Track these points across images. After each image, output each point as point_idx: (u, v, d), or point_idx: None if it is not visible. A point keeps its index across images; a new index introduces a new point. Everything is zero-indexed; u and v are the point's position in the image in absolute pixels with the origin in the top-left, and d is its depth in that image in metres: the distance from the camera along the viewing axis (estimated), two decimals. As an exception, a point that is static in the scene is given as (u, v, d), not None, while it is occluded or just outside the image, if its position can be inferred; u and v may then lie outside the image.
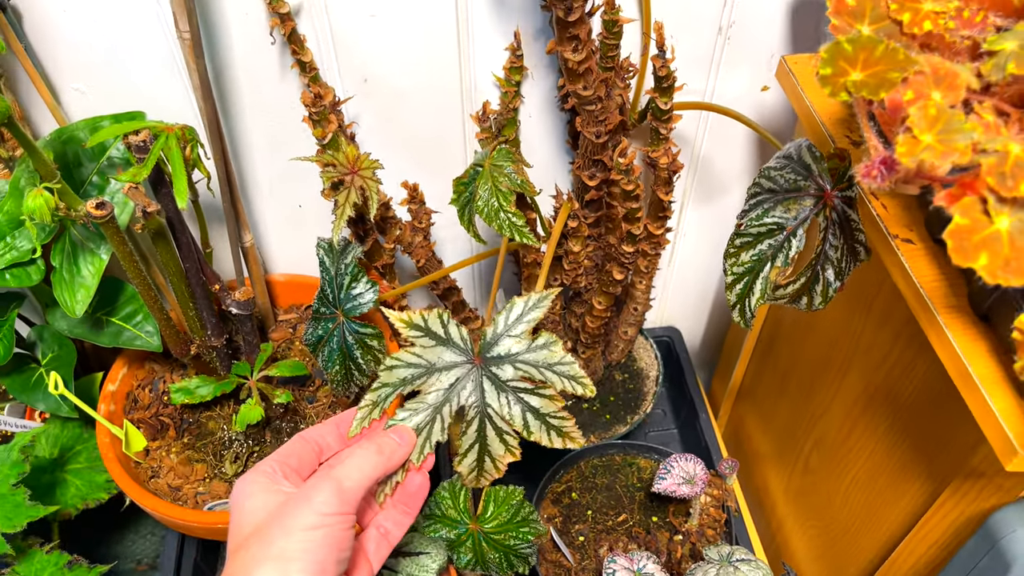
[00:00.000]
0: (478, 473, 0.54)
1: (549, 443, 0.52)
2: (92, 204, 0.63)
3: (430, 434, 0.53)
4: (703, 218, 1.00)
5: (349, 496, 0.47)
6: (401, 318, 0.53)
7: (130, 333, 0.76)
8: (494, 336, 0.53)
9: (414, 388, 0.53)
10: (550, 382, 0.51)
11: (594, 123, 0.73)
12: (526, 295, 0.53)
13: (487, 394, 0.53)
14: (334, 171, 0.66)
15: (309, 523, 0.45)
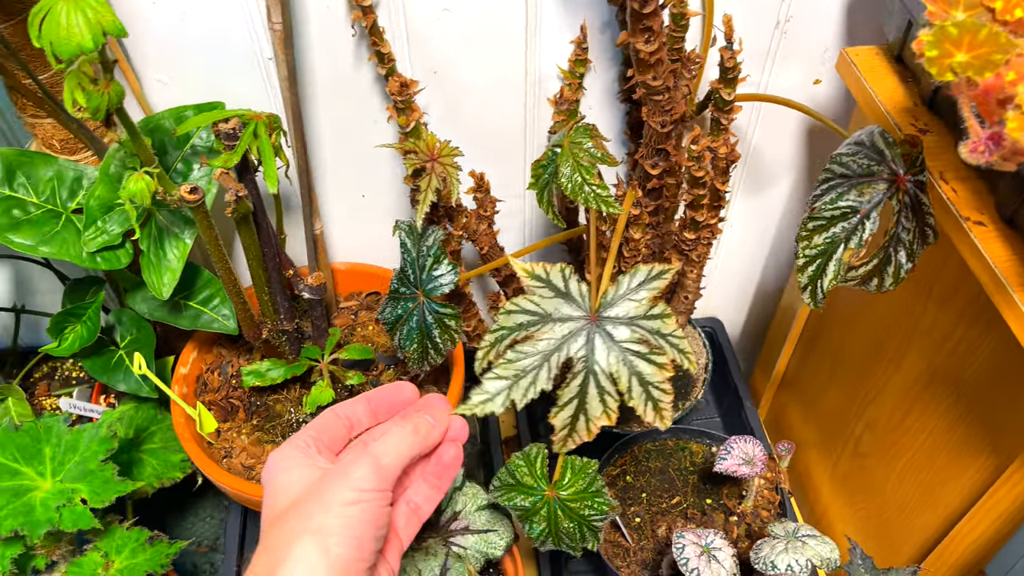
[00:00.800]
0: (569, 431, 0.56)
1: (643, 413, 0.54)
2: (186, 189, 0.65)
3: (536, 379, 0.55)
4: (750, 209, 1.02)
5: (386, 473, 0.48)
6: (524, 267, 0.55)
7: (208, 316, 0.78)
8: (614, 297, 0.55)
9: (527, 335, 0.55)
10: (664, 350, 0.54)
11: (660, 113, 0.75)
12: (651, 265, 0.56)
13: (597, 351, 0.55)
14: (416, 158, 0.68)
15: (348, 498, 0.45)
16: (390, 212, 0.94)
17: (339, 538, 0.44)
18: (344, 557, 0.44)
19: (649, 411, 0.55)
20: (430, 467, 0.55)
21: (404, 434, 0.50)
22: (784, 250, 1.08)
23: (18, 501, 0.68)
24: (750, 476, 0.79)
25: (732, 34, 0.69)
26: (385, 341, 0.93)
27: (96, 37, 0.48)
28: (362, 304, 0.97)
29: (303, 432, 0.51)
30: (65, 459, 0.71)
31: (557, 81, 0.83)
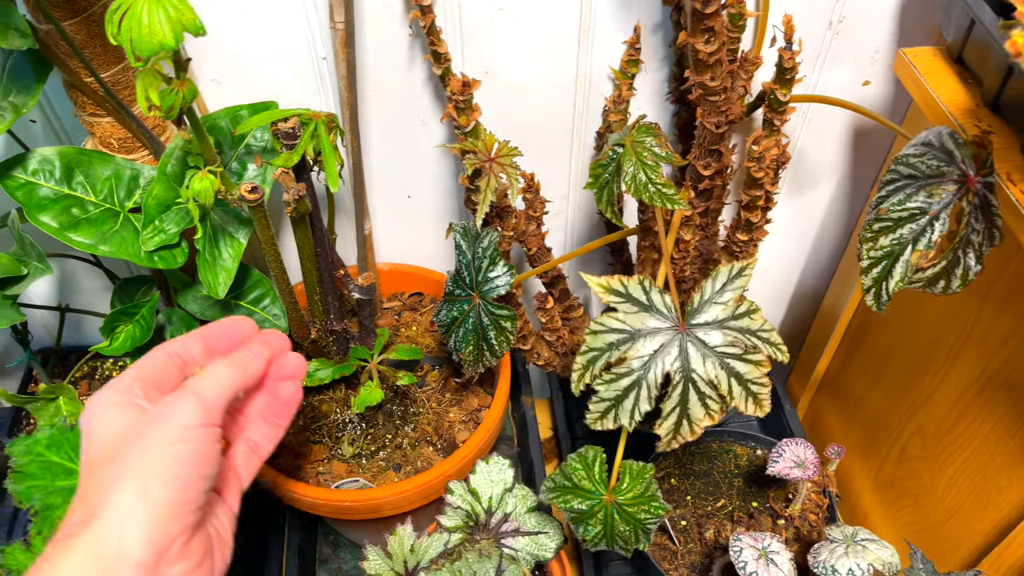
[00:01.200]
0: (673, 435, 0.56)
1: (744, 408, 0.55)
2: (246, 188, 0.65)
3: (637, 399, 0.55)
4: (792, 210, 1.01)
5: (210, 408, 0.44)
6: (600, 283, 0.55)
7: (259, 316, 0.78)
8: (700, 303, 0.56)
9: (621, 355, 0.55)
10: (759, 348, 0.54)
11: (716, 114, 0.74)
12: (728, 263, 0.56)
13: (693, 360, 0.55)
14: (475, 158, 0.68)
15: (171, 437, 0.42)
16: (434, 213, 0.94)
17: (161, 480, 0.41)
18: (169, 500, 0.41)
19: (749, 405, 0.55)
20: (268, 405, 0.53)
21: (221, 368, 0.47)
22: (825, 251, 1.07)
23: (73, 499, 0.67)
24: (802, 479, 0.79)
25: (792, 34, 0.69)
26: (429, 342, 0.93)
27: (177, 35, 0.48)
28: (405, 304, 0.96)
29: (126, 373, 0.47)
30: (121, 458, 0.70)
31: (607, 81, 0.82)
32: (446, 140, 0.85)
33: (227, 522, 0.48)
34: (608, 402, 0.59)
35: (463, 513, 0.76)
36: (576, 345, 0.92)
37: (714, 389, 0.56)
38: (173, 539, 0.41)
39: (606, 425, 0.60)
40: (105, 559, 0.39)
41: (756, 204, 0.75)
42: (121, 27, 0.48)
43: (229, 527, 0.48)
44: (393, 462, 0.83)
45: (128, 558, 0.39)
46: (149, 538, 0.40)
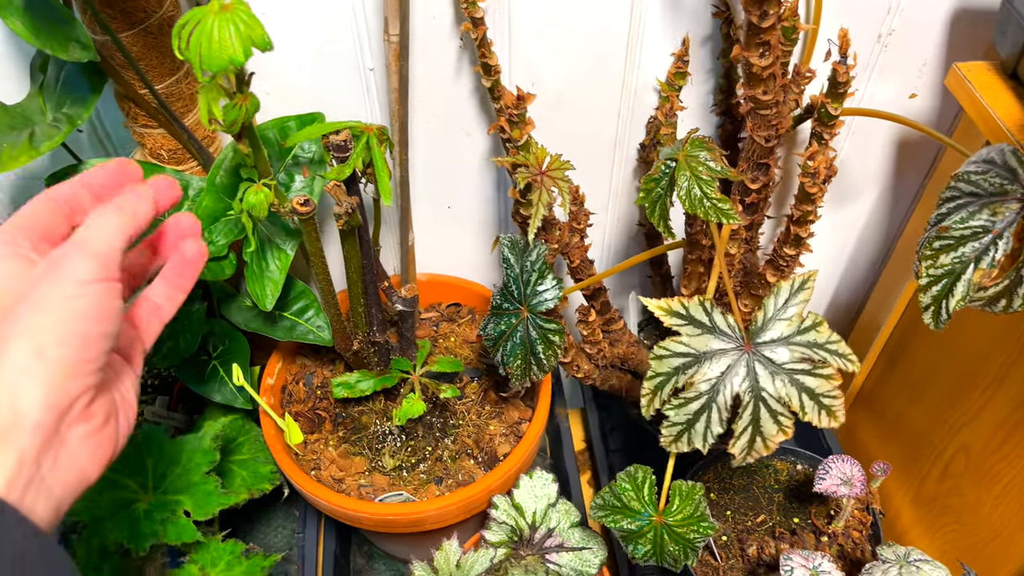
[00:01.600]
0: (747, 452, 0.56)
1: (818, 422, 0.54)
2: (298, 200, 0.65)
3: (709, 423, 0.55)
4: (830, 223, 1.01)
5: (104, 259, 0.41)
6: (660, 306, 0.55)
7: (303, 327, 0.78)
8: (764, 321, 0.55)
9: (688, 379, 0.55)
10: (827, 361, 0.53)
11: (766, 127, 0.74)
12: (791, 279, 0.55)
13: (762, 379, 0.55)
14: (526, 172, 0.67)
15: (66, 293, 0.39)
16: (474, 222, 0.93)
17: (57, 337, 0.38)
18: (67, 358, 0.38)
19: (823, 418, 0.54)
20: (169, 264, 0.50)
21: (107, 214, 0.43)
22: (863, 263, 1.06)
23: (122, 513, 0.67)
24: (849, 497, 0.78)
25: (848, 48, 0.68)
26: (468, 353, 0.93)
27: (247, 50, 0.48)
28: (442, 315, 0.96)
29: (8, 222, 0.43)
30: (168, 471, 0.70)
31: (652, 93, 0.82)
32: (490, 151, 0.85)
33: (131, 384, 0.46)
34: (680, 426, 0.58)
35: (508, 528, 0.76)
36: (616, 358, 0.91)
37: (785, 406, 0.55)
38: (73, 399, 0.39)
39: (680, 448, 0.59)
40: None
41: (807, 219, 0.75)
42: (190, 42, 0.48)
43: (133, 389, 0.46)
44: (434, 475, 0.82)
45: (24, 419, 0.37)
46: (47, 398, 0.37)
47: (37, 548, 0.35)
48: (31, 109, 0.65)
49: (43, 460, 0.37)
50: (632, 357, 0.92)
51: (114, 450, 0.43)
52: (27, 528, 0.35)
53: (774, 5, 0.64)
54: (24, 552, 0.34)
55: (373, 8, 0.71)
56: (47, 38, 0.56)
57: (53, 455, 0.38)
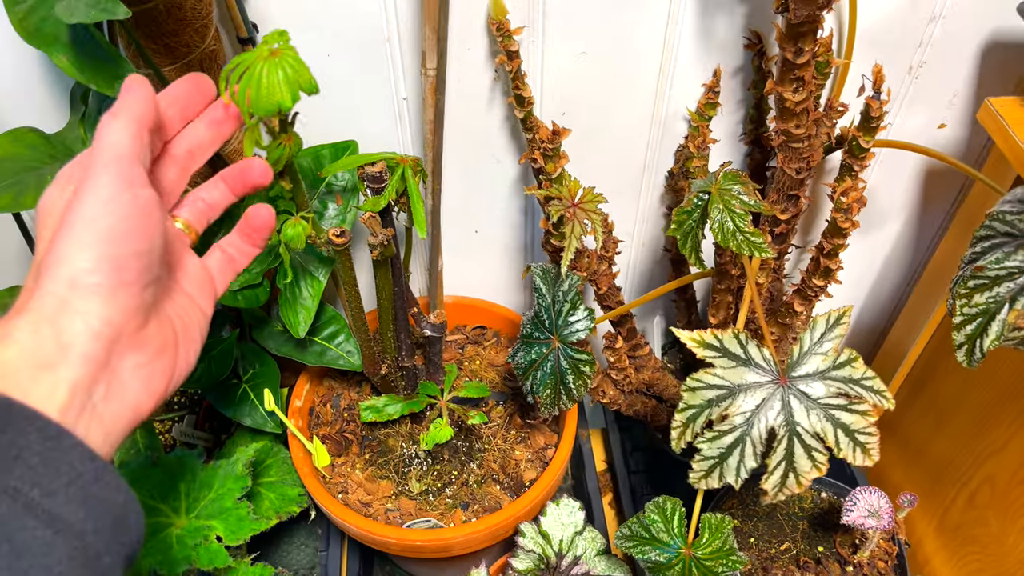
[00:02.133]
0: (780, 488, 0.56)
1: (852, 459, 0.54)
2: (334, 232, 0.65)
3: (742, 458, 0.55)
4: (856, 249, 1.01)
5: (122, 171, 0.39)
6: (693, 338, 0.55)
7: (333, 353, 0.78)
8: (800, 355, 0.55)
9: (721, 413, 0.55)
10: (863, 397, 0.53)
11: (797, 160, 0.74)
12: (827, 314, 0.55)
13: (796, 413, 0.55)
14: (559, 205, 0.68)
15: (90, 215, 0.38)
16: (500, 247, 0.94)
17: (88, 264, 0.37)
18: (101, 285, 0.37)
19: (858, 455, 0.55)
20: (244, 220, 0.52)
21: (108, 120, 0.41)
22: (885, 291, 1.06)
23: (155, 539, 0.68)
24: (876, 529, 0.78)
25: (882, 83, 0.68)
26: (493, 376, 0.93)
27: (295, 95, 0.49)
28: (468, 338, 0.97)
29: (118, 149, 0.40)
30: (200, 495, 0.71)
31: (682, 122, 0.82)
32: (519, 178, 0.85)
33: (197, 322, 0.46)
34: (712, 460, 0.58)
35: (535, 556, 0.76)
36: (642, 384, 0.92)
37: (820, 441, 0.56)
38: (118, 326, 0.38)
39: (711, 484, 0.59)
40: (44, 348, 0.36)
41: (837, 252, 0.75)
42: (238, 87, 0.48)
43: (199, 328, 0.46)
44: (460, 499, 0.83)
45: (71, 349, 0.36)
46: (89, 328, 0.37)
47: (93, 472, 0.35)
48: (71, 139, 0.66)
49: (94, 390, 0.37)
50: (657, 383, 0.93)
51: (168, 384, 0.42)
52: (83, 452, 0.35)
53: (809, 41, 0.65)
54: (81, 474, 0.35)
55: (408, 40, 0.72)
56: (92, 74, 0.57)
57: (105, 384, 0.38)
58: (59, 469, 0.34)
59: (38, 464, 0.33)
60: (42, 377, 0.35)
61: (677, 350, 1.08)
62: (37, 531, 0.32)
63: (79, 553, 0.34)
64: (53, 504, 0.33)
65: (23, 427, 0.34)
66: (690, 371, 1.05)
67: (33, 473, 0.33)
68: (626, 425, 1.13)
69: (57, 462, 0.34)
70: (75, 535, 0.34)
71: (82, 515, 0.34)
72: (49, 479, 0.33)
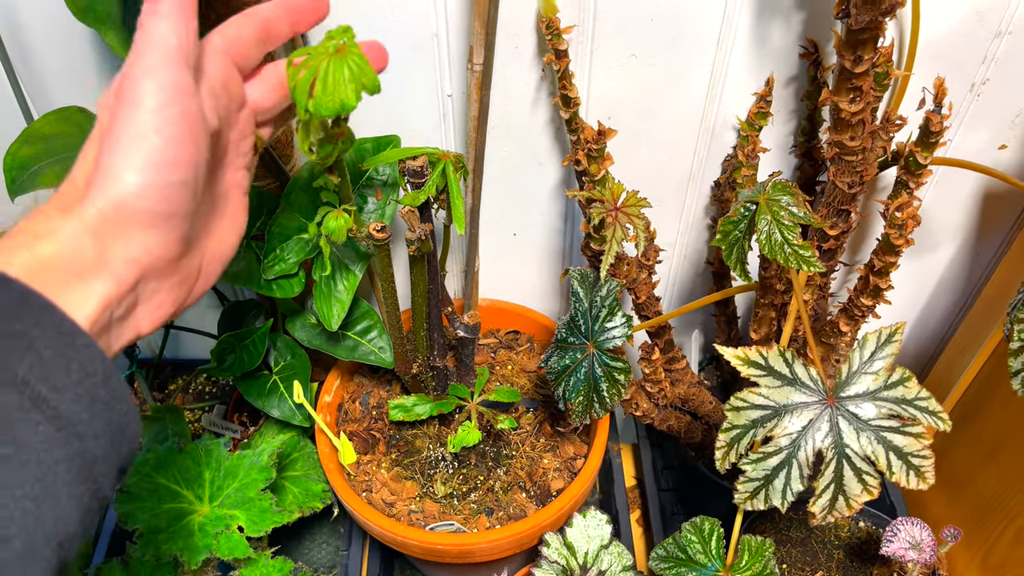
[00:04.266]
0: (829, 512, 0.54)
1: (906, 482, 0.52)
2: (375, 226, 0.65)
3: (788, 480, 0.53)
4: (905, 272, 0.97)
5: (169, 78, 0.36)
6: (737, 355, 0.53)
7: (365, 348, 0.77)
8: (849, 374, 0.53)
9: (768, 433, 0.53)
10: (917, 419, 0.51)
11: (850, 173, 0.72)
12: (877, 331, 0.53)
13: (845, 435, 0.53)
14: (601, 208, 0.66)
15: (135, 130, 0.36)
16: (538, 251, 0.92)
17: (131, 191, 0.36)
18: (143, 214, 0.37)
19: (911, 478, 0.52)
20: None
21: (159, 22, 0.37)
22: (935, 318, 1.03)
23: (177, 525, 0.68)
24: (917, 563, 0.75)
25: (944, 97, 0.66)
26: (524, 382, 0.91)
27: (358, 94, 0.47)
28: (500, 342, 0.95)
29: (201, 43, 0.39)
30: (224, 484, 0.70)
31: (731, 131, 0.80)
32: (561, 181, 0.84)
33: (227, 240, 0.44)
34: (757, 482, 0.56)
35: (559, 568, 0.74)
36: (677, 398, 0.89)
37: (871, 464, 0.53)
38: (155, 257, 0.38)
39: (756, 506, 0.57)
40: (84, 254, 0.35)
41: (887, 270, 0.72)
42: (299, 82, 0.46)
43: (227, 249, 0.44)
44: (485, 505, 0.81)
45: (107, 266, 0.36)
46: (128, 252, 0.37)
47: (103, 374, 0.34)
48: (119, 120, 0.66)
49: (116, 308, 0.37)
50: (693, 398, 0.90)
51: (173, 313, 0.42)
52: (95, 352, 0.35)
53: (869, 50, 0.63)
54: (91, 374, 0.34)
55: (456, 35, 0.71)
56: (142, 54, 0.57)
57: (125, 305, 0.38)
58: (69, 367, 0.33)
59: (50, 358, 0.33)
60: (75, 284, 0.35)
61: (714, 367, 1.05)
62: (40, 426, 0.32)
63: (77, 456, 0.33)
64: (60, 401, 0.32)
65: (39, 318, 0.33)
66: (727, 389, 1.02)
67: (43, 367, 0.32)
68: (658, 442, 1.10)
69: (68, 359, 0.33)
70: (76, 436, 0.33)
71: (86, 417, 0.33)
72: (59, 375, 0.33)
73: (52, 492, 0.32)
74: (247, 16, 0.43)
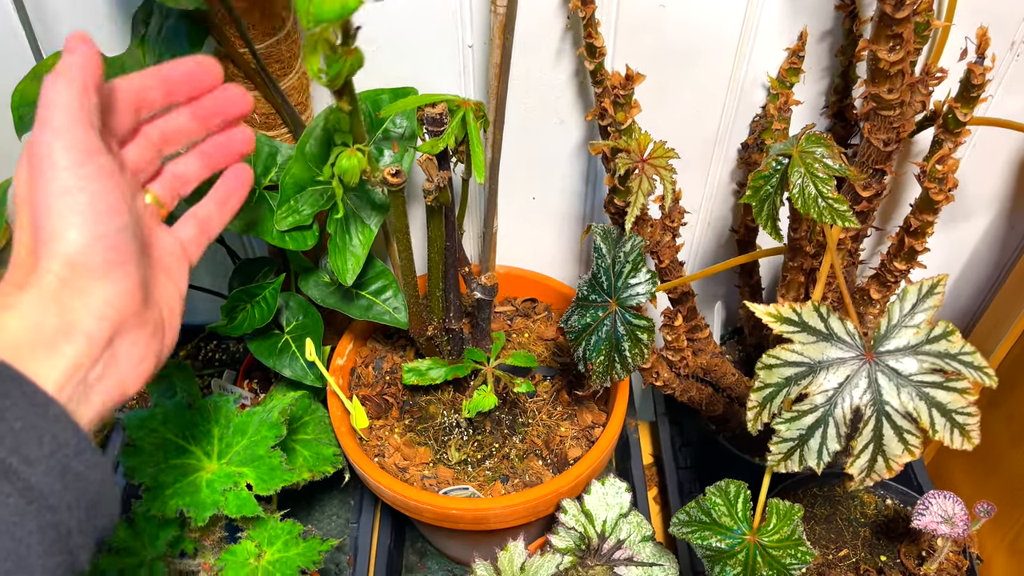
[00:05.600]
0: (867, 474, 0.51)
1: (950, 442, 0.49)
2: (390, 171, 0.62)
3: (824, 440, 0.50)
4: (936, 245, 0.94)
5: (74, 142, 0.37)
6: (769, 312, 0.50)
7: (380, 308, 0.75)
8: (888, 328, 0.50)
9: (802, 391, 0.50)
10: (962, 374, 0.48)
11: (886, 130, 0.69)
12: (918, 283, 0.50)
13: (885, 391, 0.50)
14: (627, 158, 0.64)
15: (59, 187, 0.36)
16: (558, 216, 0.90)
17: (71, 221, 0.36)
18: (91, 264, 0.37)
19: (956, 437, 0.49)
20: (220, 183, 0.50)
21: (50, 83, 0.37)
22: (966, 291, 0.99)
23: (184, 481, 0.66)
24: (949, 537, 0.72)
25: (986, 48, 0.63)
26: (542, 350, 0.89)
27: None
28: (517, 310, 0.93)
29: (68, 110, 0.37)
30: (233, 441, 0.68)
31: (760, 90, 0.78)
32: (583, 140, 0.81)
33: (176, 300, 0.45)
34: (791, 442, 0.54)
35: (576, 535, 0.72)
36: (699, 368, 0.87)
37: (913, 422, 0.51)
38: (121, 308, 0.38)
39: (790, 467, 0.54)
40: (49, 330, 0.36)
41: (924, 230, 0.69)
42: None
43: (178, 306, 0.45)
44: (500, 472, 0.79)
45: (75, 328, 0.36)
46: (94, 308, 0.37)
47: (76, 445, 0.34)
48: (130, 61, 0.64)
49: (92, 369, 0.37)
50: (715, 369, 0.88)
51: (156, 365, 0.42)
52: (68, 424, 0.34)
53: (912, -6, 0.60)
54: (63, 446, 0.34)
55: (478, -18, 0.69)
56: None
57: (103, 364, 0.38)
58: (42, 438, 0.33)
59: (21, 429, 0.33)
60: (43, 352, 0.35)
61: (736, 341, 1.02)
62: (11, 498, 0.31)
63: (50, 527, 0.33)
64: (31, 473, 0.32)
65: (9, 389, 0.33)
66: (750, 362, 0.99)
67: (14, 438, 0.32)
68: (676, 419, 1.08)
69: (41, 430, 0.33)
70: (49, 509, 0.33)
71: (59, 488, 0.33)
72: (30, 447, 0.33)
73: (25, 565, 0.31)
74: (141, 76, 0.44)
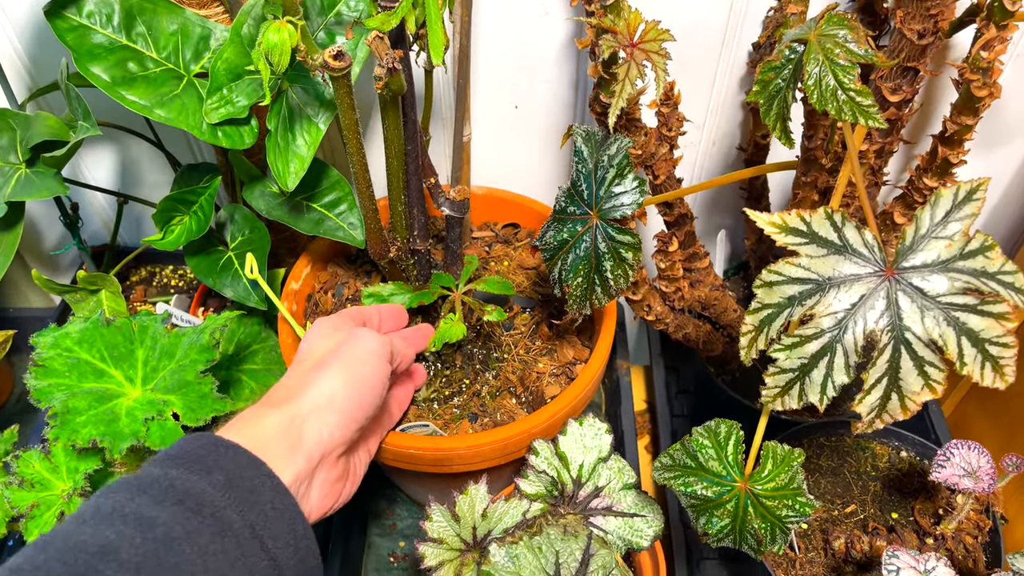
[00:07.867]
0: (878, 413, 0.42)
1: (980, 378, 0.40)
2: (330, 52, 0.53)
3: (830, 371, 0.41)
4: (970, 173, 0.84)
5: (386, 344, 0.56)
6: (773, 221, 0.41)
7: (332, 223, 0.67)
8: (915, 239, 0.41)
9: (807, 312, 0.41)
10: (1000, 295, 0.39)
11: (922, 18, 0.58)
12: (954, 187, 0.41)
13: (906, 315, 0.41)
14: (613, 40, 0.54)
15: (358, 355, 0.53)
16: (544, 129, 0.80)
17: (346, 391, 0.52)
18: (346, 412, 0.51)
19: (987, 372, 0.40)
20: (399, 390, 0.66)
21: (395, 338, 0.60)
22: (1004, 224, 0.89)
23: (101, 407, 0.58)
24: (972, 491, 0.63)
25: (1049, -90, 0.52)
26: (522, 280, 0.80)
27: None
28: (497, 236, 0.84)
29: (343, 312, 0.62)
30: (159, 365, 0.60)
31: (776, -20, 0.67)
32: (571, 36, 0.71)
33: (364, 459, 0.58)
34: (791, 373, 0.44)
35: (547, 480, 0.64)
36: (696, 302, 0.78)
37: (937, 352, 0.41)
38: (335, 447, 0.51)
39: (788, 404, 0.46)
40: (290, 437, 0.48)
41: (962, 136, 0.59)
42: None
43: (363, 464, 0.58)
44: (469, 410, 0.71)
45: (305, 444, 0.48)
46: (320, 436, 0.49)
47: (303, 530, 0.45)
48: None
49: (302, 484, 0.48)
50: (715, 304, 0.79)
51: (334, 505, 0.53)
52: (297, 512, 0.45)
53: None
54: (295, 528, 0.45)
55: None
56: None
57: (307, 483, 0.49)
58: (282, 520, 0.44)
59: (270, 511, 0.44)
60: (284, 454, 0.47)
61: (741, 277, 0.93)
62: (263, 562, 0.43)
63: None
64: (276, 547, 0.43)
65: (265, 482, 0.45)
66: (754, 300, 0.90)
67: (265, 518, 0.43)
68: (672, 364, 0.99)
69: (284, 516, 0.45)
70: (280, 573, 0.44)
71: (293, 562, 0.44)
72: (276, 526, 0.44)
73: None
74: None
